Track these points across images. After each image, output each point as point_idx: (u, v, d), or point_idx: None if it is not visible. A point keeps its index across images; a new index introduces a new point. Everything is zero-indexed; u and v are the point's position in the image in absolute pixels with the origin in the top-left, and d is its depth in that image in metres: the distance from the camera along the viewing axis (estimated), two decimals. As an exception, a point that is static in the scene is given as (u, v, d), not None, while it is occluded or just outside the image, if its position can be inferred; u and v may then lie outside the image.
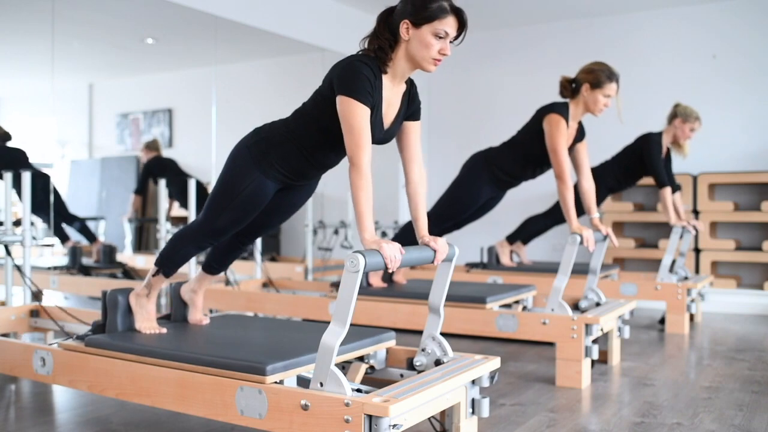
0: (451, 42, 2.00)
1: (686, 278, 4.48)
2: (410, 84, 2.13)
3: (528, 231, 4.66)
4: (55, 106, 5.34)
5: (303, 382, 2.10)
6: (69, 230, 5.21)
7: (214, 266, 2.51)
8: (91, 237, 5.27)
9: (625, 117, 5.59)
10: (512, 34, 6.24)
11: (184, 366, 2.01)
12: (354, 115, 1.91)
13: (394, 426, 1.70)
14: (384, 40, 1.99)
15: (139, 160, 6.17)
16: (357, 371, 2.24)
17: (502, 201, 4.09)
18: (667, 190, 4.36)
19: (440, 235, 3.89)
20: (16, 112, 5.77)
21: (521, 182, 3.79)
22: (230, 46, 5.69)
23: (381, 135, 2.07)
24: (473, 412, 2.08)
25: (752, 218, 5.11)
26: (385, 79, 2.02)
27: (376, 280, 3.57)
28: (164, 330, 2.38)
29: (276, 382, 1.89)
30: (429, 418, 2.01)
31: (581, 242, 3.12)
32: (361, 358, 2.27)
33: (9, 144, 4.59)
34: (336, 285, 3.74)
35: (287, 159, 2.14)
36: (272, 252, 6.07)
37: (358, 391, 2.03)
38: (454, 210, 3.78)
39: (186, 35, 5.50)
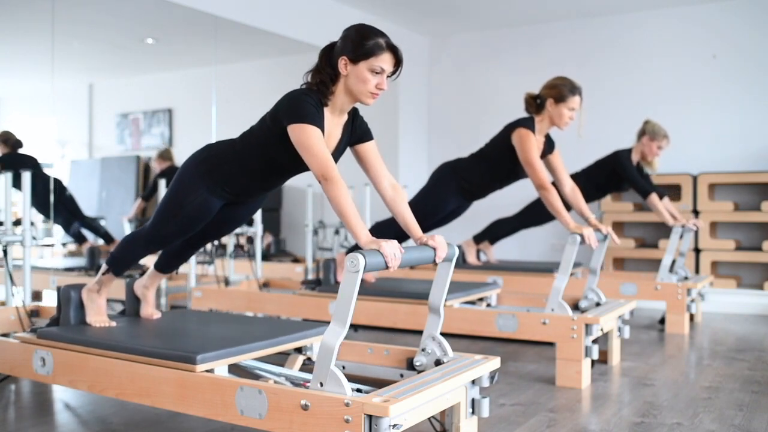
0: (388, 77, 2.07)
1: (686, 278, 4.48)
2: (353, 115, 2.19)
3: (495, 232, 4.71)
4: (55, 106, 5.34)
5: (236, 370, 2.27)
6: (86, 232, 5.23)
7: (165, 266, 2.64)
8: (108, 238, 5.28)
9: (625, 117, 5.60)
10: (512, 34, 6.24)
11: (125, 356, 2.13)
12: (310, 137, 1.98)
13: (394, 426, 1.70)
14: (325, 74, 2.07)
15: (140, 160, 6.17)
16: (294, 362, 2.41)
17: (478, 203, 4.10)
18: (653, 196, 4.39)
19: (406, 238, 3.91)
20: (16, 112, 5.77)
21: (489, 193, 3.82)
22: (230, 46, 5.69)
23: None
24: (473, 412, 2.08)
25: (752, 218, 5.11)
26: (326, 111, 2.09)
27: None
28: (113, 323, 2.52)
29: (207, 371, 1.99)
30: (429, 418, 2.02)
31: (582, 241, 3.12)
32: (299, 350, 2.42)
33: (20, 150, 4.64)
34: (305, 282, 3.75)
35: (232, 179, 2.24)
36: (279, 252, 6.06)
37: (358, 391, 2.04)
38: (419, 217, 3.77)
39: (186, 35, 5.50)
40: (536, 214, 4.50)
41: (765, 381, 3.04)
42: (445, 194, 3.75)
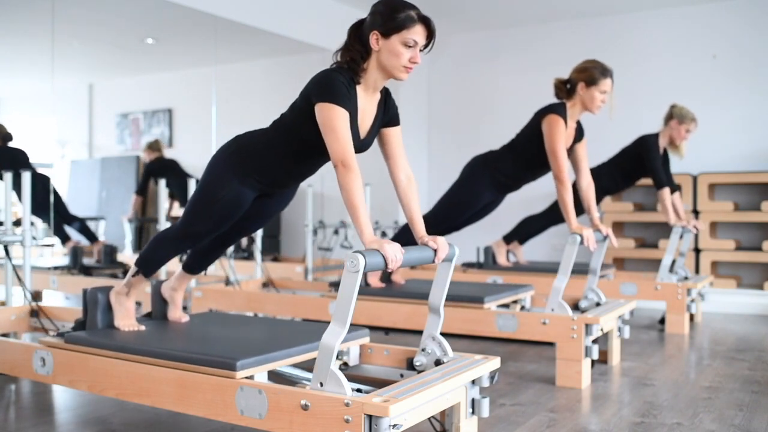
0: (420, 50, 2.04)
1: (686, 278, 4.48)
2: (385, 93, 2.17)
3: (525, 231, 4.66)
4: (55, 106, 5.35)
5: (274, 377, 2.18)
6: (70, 230, 5.22)
7: (194, 267, 2.57)
8: (92, 237, 5.28)
9: (625, 117, 5.60)
10: (512, 34, 6.24)
11: (158, 362, 2.06)
12: (335, 118, 1.94)
13: (394, 426, 1.69)
14: (355, 52, 2.03)
15: (140, 160, 6.17)
16: None
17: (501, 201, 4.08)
18: (666, 190, 4.35)
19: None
20: (16, 112, 5.78)
21: (522, 185, 3.78)
22: (230, 46, 5.69)
23: (357, 144, 2.09)
24: (473, 412, 2.08)
25: (752, 218, 5.11)
26: (359, 89, 2.06)
27: (375, 280, 3.56)
28: (142, 327, 2.45)
29: (247, 378, 1.93)
30: (429, 418, 2.01)
31: (581, 242, 3.12)
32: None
33: (10, 144, 4.60)
34: (335, 285, 3.74)
35: (265, 168, 2.19)
36: (274, 252, 6.07)
37: (358, 391, 2.04)
38: (453, 213, 3.78)
39: (186, 35, 5.50)
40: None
41: (765, 381, 3.04)
42: (478, 188, 3.72)
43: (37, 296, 4.54)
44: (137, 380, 2.09)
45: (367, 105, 2.09)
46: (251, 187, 2.22)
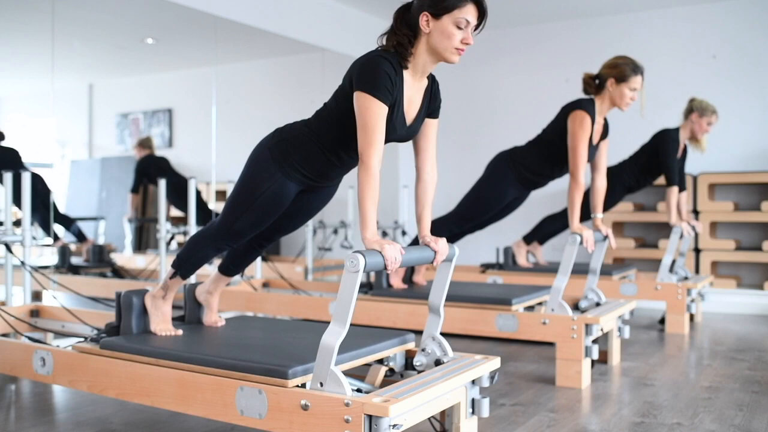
0: (472, 31, 1.98)
1: (686, 278, 4.48)
2: (432, 81, 2.12)
3: (544, 231, 4.62)
4: (55, 106, 5.34)
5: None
6: (59, 230, 5.23)
7: (231, 268, 2.48)
8: (82, 237, 5.28)
9: (625, 116, 5.60)
10: (512, 34, 6.24)
11: (204, 369, 1.98)
12: (369, 112, 1.89)
13: (394, 426, 1.69)
14: (402, 35, 1.98)
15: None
16: (377, 374, 2.14)
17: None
18: (674, 189, 4.33)
19: (462, 235, 3.87)
20: (16, 112, 5.77)
21: (548, 182, 3.76)
22: (230, 46, 5.69)
23: (403, 131, 2.05)
24: (473, 412, 2.08)
25: (752, 218, 5.11)
26: (406, 74, 2.01)
27: (397, 281, 3.55)
28: (180, 332, 2.35)
29: (298, 386, 1.87)
30: (429, 418, 2.01)
31: (581, 242, 3.12)
32: (380, 361, 2.24)
33: (2, 144, 4.61)
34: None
35: (309, 159, 2.12)
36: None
37: (358, 391, 2.03)
38: (478, 210, 3.75)
39: (186, 35, 5.50)
40: (583, 208, 4.36)
41: (765, 381, 3.04)
42: (504, 184, 3.70)
43: (37, 296, 4.54)
44: (137, 380, 2.09)
45: (415, 92, 2.04)
46: (295, 179, 2.15)
